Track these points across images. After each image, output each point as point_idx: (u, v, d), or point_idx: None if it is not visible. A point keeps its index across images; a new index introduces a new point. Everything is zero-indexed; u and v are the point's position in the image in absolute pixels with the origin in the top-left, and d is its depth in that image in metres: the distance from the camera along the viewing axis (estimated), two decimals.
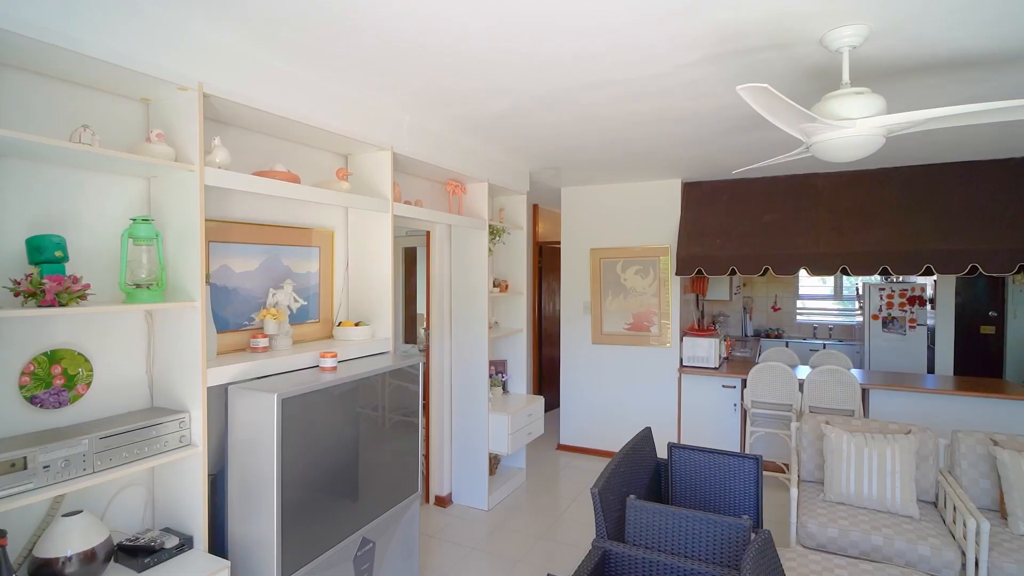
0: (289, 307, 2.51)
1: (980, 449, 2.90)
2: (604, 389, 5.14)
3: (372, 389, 2.42)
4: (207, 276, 2.07)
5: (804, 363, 5.37)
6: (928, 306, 6.22)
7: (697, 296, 6.29)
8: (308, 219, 2.77)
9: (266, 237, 2.52)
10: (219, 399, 2.12)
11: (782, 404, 4.23)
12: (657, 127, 3.25)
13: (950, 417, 4.02)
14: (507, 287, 4.32)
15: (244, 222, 2.43)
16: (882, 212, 4.19)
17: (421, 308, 4.50)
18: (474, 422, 3.89)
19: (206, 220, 2.22)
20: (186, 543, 1.87)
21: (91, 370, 1.84)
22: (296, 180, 2.33)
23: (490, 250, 4.10)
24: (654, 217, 4.95)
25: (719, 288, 6.75)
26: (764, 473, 4.47)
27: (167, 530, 1.92)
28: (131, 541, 1.80)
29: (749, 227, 4.58)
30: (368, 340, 2.75)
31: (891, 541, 2.58)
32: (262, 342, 2.33)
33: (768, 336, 7.48)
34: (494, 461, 4.24)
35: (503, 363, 4.46)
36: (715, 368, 4.74)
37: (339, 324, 2.78)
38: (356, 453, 2.32)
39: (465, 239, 3.92)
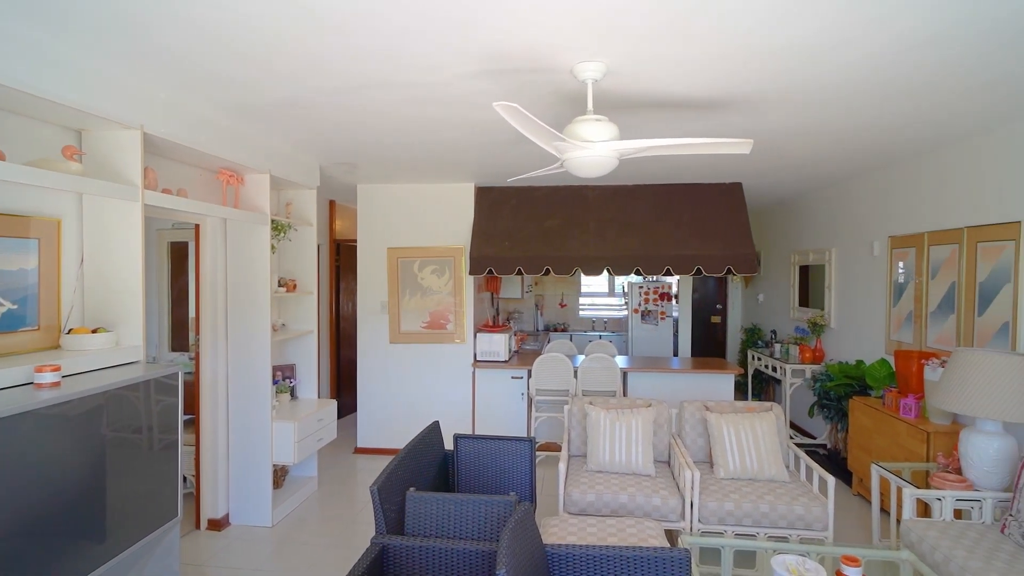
0: None
1: (697, 414, 3.62)
2: (402, 388, 5.16)
3: (114, 406, 2.08)
4: None
5: (583, 353, 6.08)
6: (674, 301, 7.53)
7: (492, 294, 6.68)
8: (23, 205, 2.26)
9: None
10: None
11: (561, 390, 4.74)
12: (447, 132, 3.38)
13: (684, 390, 4.93)
14: (295, 286, 4.07)
15: None
16: (635, 222, 4.96)
17: (194, 311, 3.99)
18: (256, 433, 3.59)
19: None
20: None
21: None
22: None
23: (273, 247, 3.83)
24: (450, 218, 5.13)
25: (512, 287, 7.27)
26: (548, 452, 4.96)
27: None
28: None
29: (533, 231, 5.03)
30: (110, 349, 2.36)
31: (634, 497, 3.08)
32: None
33: (556, 330, 8.29)
34: (281, 473, 3.97)
35: (291, 367, 4.19)
36: (506, 361, 5.10)
37: (69, 331, 2.34)
38: (91, 483, 1.98)
39: (244, 234, 3.59)
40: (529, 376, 4.90)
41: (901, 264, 4.15)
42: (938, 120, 3.07)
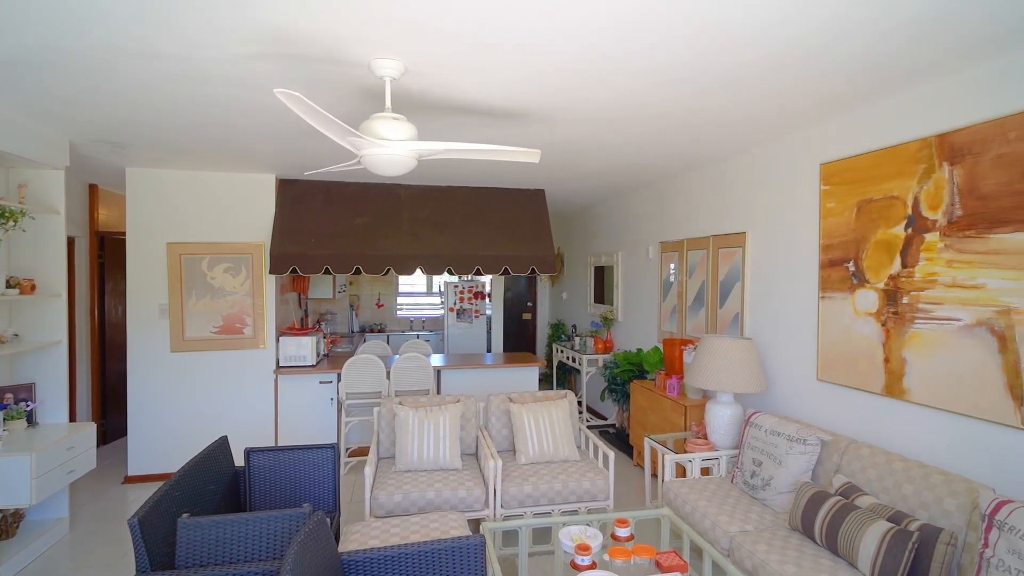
0: None
1: (503, 407, 3.82)
2: (189, 402, 4.54)
3: None
4: None
5: (400, 353, 6.00)
6: (488, 299, 7.86)
7: (299, 295, 6.25)
8: None
9: None
10: None
11: (373, 392, 4.61)
12: (235, 117, 3.06)
13: (494, 385, 5.17)
14: (34, 288, 3.32)
15: None
16: (448, 222, 5.06)
17: None
18: None
19: None
20: None
21: None
22: None
23: None
24: (247, 212, 4.66)
25: (323, 287, 6.88)
26: (360, 458, 4.79)
27: None
28: None
29: (343, 228, 4.82)
30: None
31: (440, 492, 3.14)
32: None
33: (372, 331, 8.06)
34: (13, 518, 3.20)
35: (29, 387, 3.40)
36: (313, 366, 4.81)
37: None
38: None
39: None
40: (339, 380, 4.69)
41: (672, 265, 4.88)
42: (691, 147, 3.68)
